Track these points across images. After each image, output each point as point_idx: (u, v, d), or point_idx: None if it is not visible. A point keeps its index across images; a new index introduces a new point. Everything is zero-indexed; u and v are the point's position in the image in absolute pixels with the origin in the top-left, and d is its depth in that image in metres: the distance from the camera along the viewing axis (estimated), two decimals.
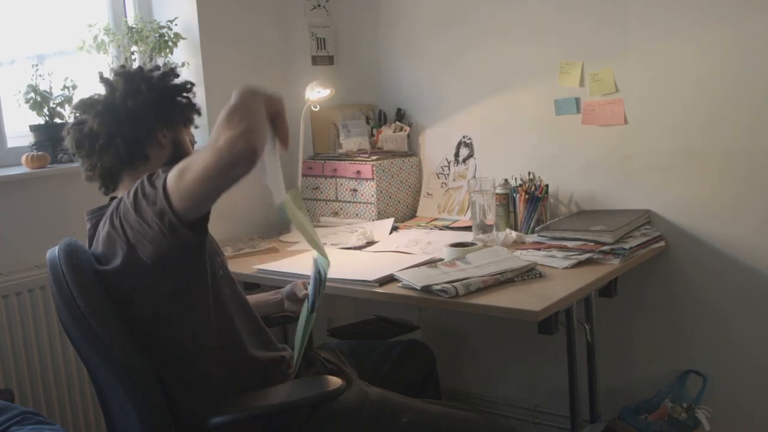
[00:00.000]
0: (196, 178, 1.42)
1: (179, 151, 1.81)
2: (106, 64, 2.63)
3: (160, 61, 2.68)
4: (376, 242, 2.57)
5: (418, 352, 2.28)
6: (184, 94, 1.84)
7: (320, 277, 1.77)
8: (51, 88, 2.45)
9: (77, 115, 1.82)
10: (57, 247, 1.65)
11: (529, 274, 2.06)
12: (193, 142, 1.91)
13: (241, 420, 1.60)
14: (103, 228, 1.64)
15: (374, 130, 3.01)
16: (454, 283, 1.93)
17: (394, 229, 2.71)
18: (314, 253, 1.80)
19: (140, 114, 1.75)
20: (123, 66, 1.85)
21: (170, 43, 2.65)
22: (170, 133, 1.80)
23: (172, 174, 1.47)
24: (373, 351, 2.19)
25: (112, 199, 1.77)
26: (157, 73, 1.82)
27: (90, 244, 1.72)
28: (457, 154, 2.89)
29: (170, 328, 1.63)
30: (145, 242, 1.53)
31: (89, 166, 1.80)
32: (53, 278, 1.62)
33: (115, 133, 1.74)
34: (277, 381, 1.77)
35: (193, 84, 1.88)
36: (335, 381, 1.64)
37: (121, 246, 1.57)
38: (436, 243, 2.44)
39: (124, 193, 1.61)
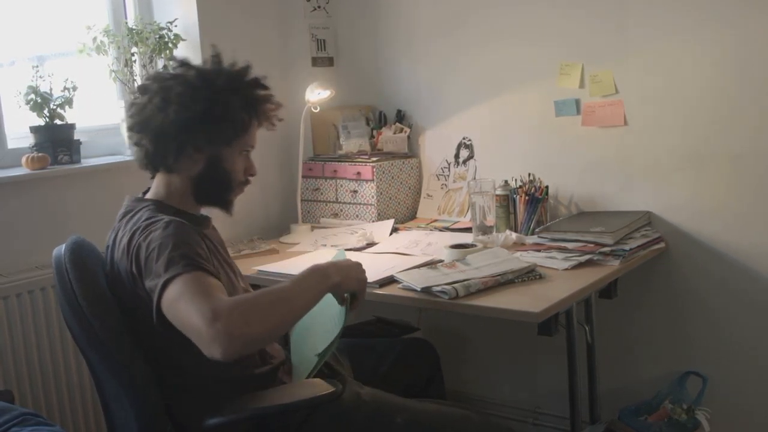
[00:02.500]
0: (185, 322, 1.44)
1: (217, 167, 1.72)
2: (106, 65, 2.63)
3: (160, 63, 2.68)
4: (376, 243, 2.57)
5: (419, 351, 2.24)
6: (234, 112, 1.69)
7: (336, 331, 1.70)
8: (51, 89, 2.45)
9: (134, 92, 1.79)
10: (64, 245, 1.66)
11: (529, 275, 2.06)
12: (250, 170, 1.79)
13: (237, 422, 1.59)
14: (125, 237, 1.63)
15: (374, 132, 3.01)
16: (454, 285, 1.93)
17: (394, 230, 2.71)
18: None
19: (166, 131, 1.66)
20: (182, 62, 1.73)
21: (170, 45, 2.66)
22: (207, 150, 1.70)
23: (173, 290, 1.46)
24: (371, 350, 2.16)
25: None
26: (204, 84, 1.68)
27: (116, 233, 1.71)
28: (457, 156, 2.89)
29: (172, 333, 1.62)
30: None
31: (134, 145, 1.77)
32: (57, 276, 1.62)
33: (141, 140, 1.71)
34: (274, 384, 1.75)
35: (260, 87, 1.75)
36: (331, 384, 1.61)
37: (127, 271, 1.59)
38: (436, 244, 2.44)
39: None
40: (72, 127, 2.49)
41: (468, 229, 2.61)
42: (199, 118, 1.65)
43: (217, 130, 1.68)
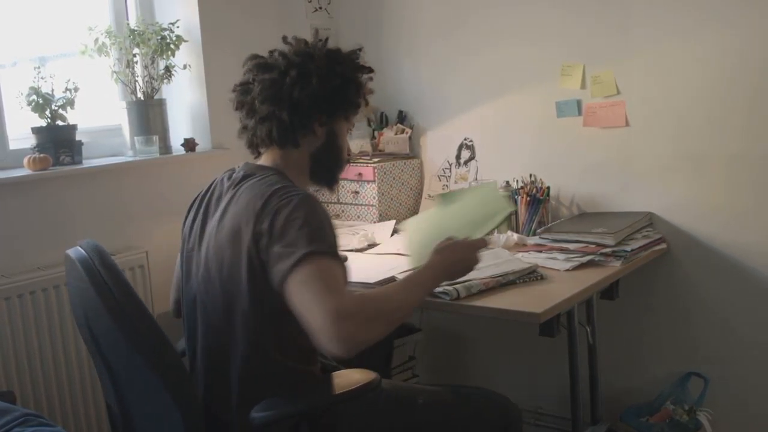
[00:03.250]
0: (306, 308, 1.46)
1: (334, 143, 1.80)
2: (107, 66, 2.63)
3: (161, 64, 2.68)
4: (378, 244, 2.57)
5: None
6: (359, 87, 1.80)
7: None
8: (53, 90, 2.45)
9: (246, 71, 1.79)
10: (79, 248, 1.62)
11: (531, 276, 2.06)
12: (350, 130, 1.89)
13: (286, 416, 1.57)
14: (251, 196, 1.63)
15: (376, 133, 3.01)
16: (456, 285, 1.93)
17: (396, 231, 2.71)
18: None
19: (303, 104, 1.72)
20: (306, 42, 1.79)
21: (172, 46, 2.66)
22: (328, 124, 1.78)
23: (305, 271, 1.47)
24: None
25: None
26: (336, 59, 1.76)
27: (212, 193, 1.75)
28: (458, 157, 2.89)
29: (274, 304, 1.58)
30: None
31: (242, 127, 1.81)
32: (87, 275, 1.55)
33: (273, 114, 1.73)
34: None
35: (371, 73, 1.84)
36: (371, 374, 1.61)
37: (254, 229, 1.58)
38: None
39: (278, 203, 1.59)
40: (74, 128, 2.49)
41: None
42: (334, 91, 1.73)
43: (343, 104, 1.77)
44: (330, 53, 1.77)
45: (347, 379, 1.63)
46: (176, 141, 2.78)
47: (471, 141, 2.85)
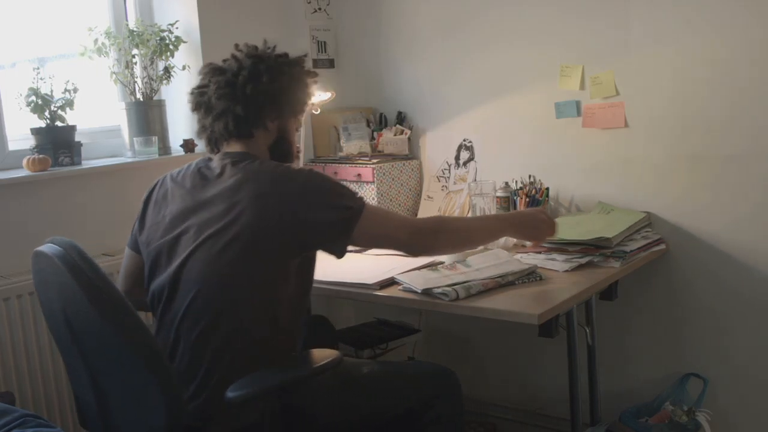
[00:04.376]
0: (389, 234, 1.86)
1: (284, 139, 1.95)
2: (107, 67, 2.63)
3: (161, 65, 2.68)
4: None
5: (321, 327, 2.42)
6: (305, 87, 1.97)
7: None
8: (52, 91, 2.45)
9: (203, 76, 1.94)
10: (53, 244, 1.65)
11: (530, 277, 2.06)
12: (298, 129, 2.04)
13: (261, 394, 1.64)
14: (250, 180, 1.77)
15: (375, 134, 3.01)
16: (455, 286, 1.94)
17: None
18: None
19: (256, 99, 1.86)
20: (256, 48, 1.93)
21: (171, 47, 2.66)
22: (279, 120, 1.92)
23: (367, 216, 1.78)
24: None
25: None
26: (283, 62, 1.92)
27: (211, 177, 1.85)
28: (457, 157, 2.89)
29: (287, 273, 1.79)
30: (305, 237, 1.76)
31: (201, 128, 1.95)
32: (68, 269, 1.58)
33: (229, 109, 1.87)
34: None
35: (315, 74, 2.00)
36: (333, 351, 1.74)
37: (283, 210, 1.74)
38: None
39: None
40: (73, 128, 2.49)
41: None
42: (283, 90, 1.90)
43: (291, 103, 1.93)
44: (278, 56, 1.93)
45: (315, 356, 1.74)
46: (175, 142, 2.78)
47: (470, 142, 2.85)
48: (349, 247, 1.82)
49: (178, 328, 1.76)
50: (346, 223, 1.76)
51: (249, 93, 1.85)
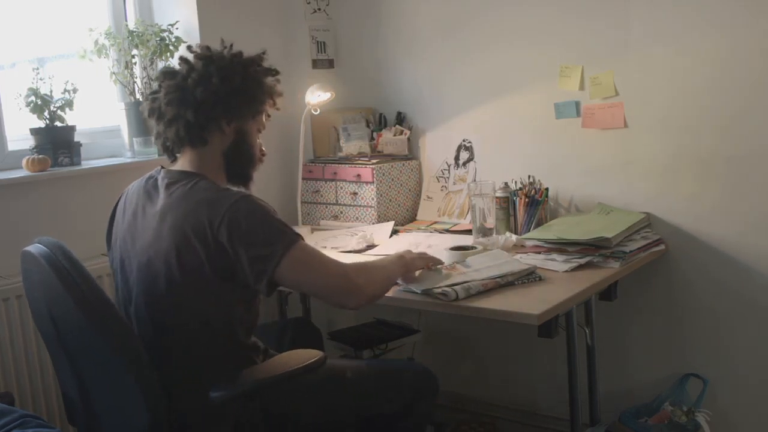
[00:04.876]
0: (316, 279, 1.75)
1: (243, 141, 1.88)
2: (106, 67, 2.63)
3: (160, 65, 2.68)
4: (377, 246, 2.57)
5: (306, 329, 2.47)
6: (261, 86, 1.89)
7: None
8: (52, 91, 2.45)
9: (157, 79, 1.91)
10: (39, 245, 1.67)
11: (529, 277, 2.06)
12: (260, 130, 1.96)
13: (241, 395, 1.67)
14: (189, 208, 1.72)
15: (374, 134, 3.01)
16: (454, 287, 1.94)
17: (394, 232, 2.71)
18: None
19: (206, 102, 1.80)
20: (208, 48, 1.87)
21: (171, 47, 2.66)
22: (236, 122, 1.86)
23: (295, 257, 1.69)
24: (267, 334, 2.19)
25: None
26: (237, 62, 1.85)
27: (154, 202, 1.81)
28: (457, 158, 2.89)
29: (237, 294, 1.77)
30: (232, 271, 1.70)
31: (156, 135, 1.90)
32: (53, 269, 1.61)
33: (179, 115, 1.81)
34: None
35: (275, 75, 1.93)
36: (316, 352, 1.76)
37: (211, 239, 1.68)
38: (436, 246, 2.44)
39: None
40: (72, 129, 2.49)
41: (468, 231, 2.61)
42: (236, 91, 1.82)
43: (247, 103, 1.86)
44: (232, 56, 1.87)
45: (297, 357, 1.76)
46: None
47: (470, 142, 2.85)
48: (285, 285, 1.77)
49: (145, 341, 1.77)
50: (268, 261, 1.68)
51: (199, 97, 1.79)
